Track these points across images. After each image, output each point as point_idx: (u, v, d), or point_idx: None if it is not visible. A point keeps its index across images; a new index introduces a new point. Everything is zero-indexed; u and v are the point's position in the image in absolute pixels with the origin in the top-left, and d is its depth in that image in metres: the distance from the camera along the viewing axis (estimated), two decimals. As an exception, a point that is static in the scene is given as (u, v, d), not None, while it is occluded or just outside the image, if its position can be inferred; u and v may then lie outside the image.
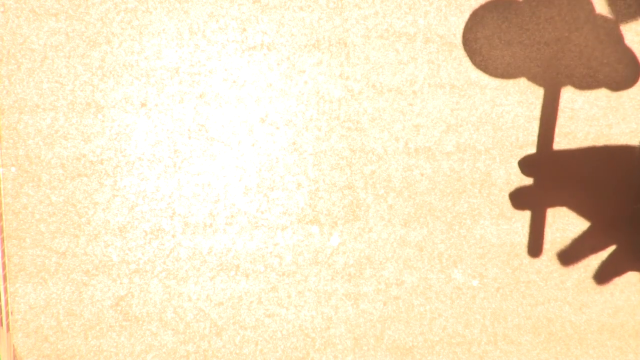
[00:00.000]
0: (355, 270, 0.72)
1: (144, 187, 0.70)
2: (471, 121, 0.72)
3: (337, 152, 0.71)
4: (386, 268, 0.72)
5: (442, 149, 0.72)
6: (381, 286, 0.72)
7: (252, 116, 0.71)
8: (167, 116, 0.70)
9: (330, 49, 0.71)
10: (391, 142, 0.71)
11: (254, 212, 0.71)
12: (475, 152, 0.72)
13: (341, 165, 0.71)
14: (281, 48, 0.71)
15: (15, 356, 0.70)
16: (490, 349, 0.73)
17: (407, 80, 0.72)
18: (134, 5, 0.70)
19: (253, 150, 0.71)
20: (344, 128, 0.71)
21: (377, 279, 0.72)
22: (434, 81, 0.72)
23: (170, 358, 0.71)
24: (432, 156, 0.72)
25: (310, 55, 0.71)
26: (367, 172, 0.71)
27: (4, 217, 0.70)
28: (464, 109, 0.72)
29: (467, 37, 0.71)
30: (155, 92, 0.70)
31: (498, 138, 0.72)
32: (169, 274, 0.71)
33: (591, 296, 0.73)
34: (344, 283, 0.72)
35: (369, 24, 0.71)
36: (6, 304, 0.70)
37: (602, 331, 0.74)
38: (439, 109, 0.72)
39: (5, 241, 0.70)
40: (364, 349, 0.72)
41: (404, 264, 0.72)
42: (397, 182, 0.72)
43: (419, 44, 0.71)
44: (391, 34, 0.71)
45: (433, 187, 0.72)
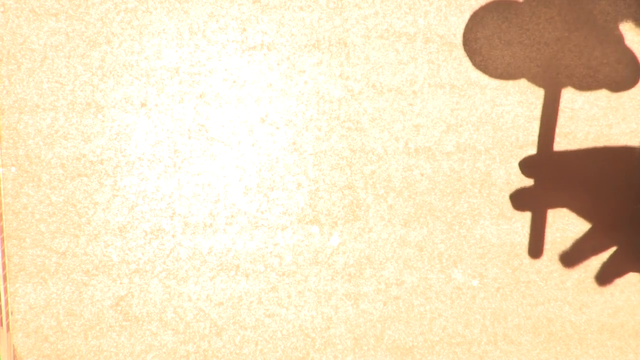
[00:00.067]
0: (355, 270, 0.72)
1: (144, 187, 0.70)
2: (471, 121, 0.72)
3: (337, 152, 0.71)
4: (386, 268, 0.72)
5: (442, 149, 0.72)
6: (381, 286, 0.72)
7: (252, 116, 0.71)
8: (167, 116, 0.70)
9: (330, 49, 0.71)
10: (391, 142, 0.71)
11: (254, 212, 0.71)
12: (475, 152, 0.72)
13: (341, 165, 0.71)
14: (281, 48, 0.71)
15: (15, 356, 0.70)
16: (490, 349, 0.73)
17: (407, 80, 0.72)
18: (134, 5, 0.70)
19: (253, 150, 0.71)
20: (344, 128, 0.71)
21: (377, 279, 0.72)
22: (434, 81, 0.72)
23: (170, 358, 0.71)
24: (432, 156, 0.72)
25: (310, 55, 0.71)
26: (367, 172, 0.71)
27: (4, 217, 0.70)
28: (464, 109, 0.72)
29: (467, 37, 0.71)
30: (155, 92, 0.70)
31: (498, 138, 0.72)
32: (169, 274, 0.71)
33: (591, 296, 0.73)
34: (344, 283, 0.72)
35: (369, 24, 0.71)
36: (6, 304, 0.70)
37: (602, 331, 0.74)
38: (439, 109, 0.72)
39: (5, 241, 0.70)
40: (364, 349, 0.72)
41: (404, 264, 0.72)
42: (397, 182, 0.72)
43: (419, 44, 0.71)
44: (391, 34, 0.71)
45: (433, 187, 0.72)
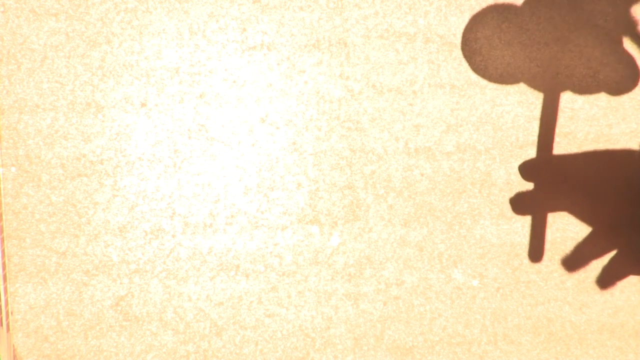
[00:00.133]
0: (355, 270, 0.72)
1: (144, 187, 0.70)
2: (471, 121, 0.72)
3: (337, 152, 0.71)
4: (386, 268, 0.72)
5: (442, 149, 0.72)
6: (381, 286, 0.72)
7: (252, 116, 0.71)
8: (167, 116, 0.70)
9: (330, 49, 0.71)
10: (391, 142, 0.71)
11: (254, 212, 0.71)
12: (475, 152, 0.72)
13: (341, 165, 0.71)
14: (281, 48, 0.71)
15: (15, 356, 0.70)
16: (490, 349, 0.73)
17: (407, 80, 0.72)
18: (134, 5, 0.70)
19: (253, 150, 0.71)
20: (344, 128, 0.71)
21: (377, 279, 0.72)
22: (434, 81, 0.72)
23: (170, 358, 0.71)
24: (432, 156, 0.72)
25: (310, 55, 0.71)
26: (367, 172, 0.71)
27: (4, 217, 0.70)
28: (464, 109, 0.72)
29: (467, 37, 0.71)
30: (155, 92, 0.70)
31: (498, 138, 0.72)
32: (169, 274, 0.71)
33: (591, 296, 0.73)
34: (344, 283, 0.72)
35: (369, 24, 0.71)
36: (6, 304, 0.70)
37: (602, 331, 0.74)
38: (439, 109, 0.72)
39: (5, 241, 0.70)
40: (364, 349, 0.72)
41: (404, 264, 0.72)
42: (397, 182, 0.72)
43: (419, 44, 0.71)
44: (391, 34, 0.71)
45: (433, 187, 0.72)
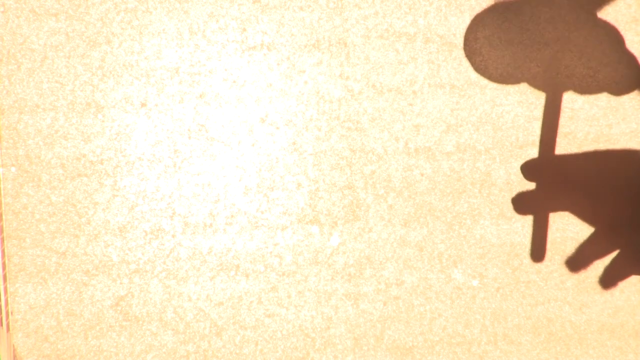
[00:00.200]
0: (355, 270, 0.72)
1: (144, 187, 0.70)
2: (471, 121, 0.72)
3: (337, 152, 0.71)
4: (386, 268, 0.72)
5: (442, 149, 0.72)
6: (381, 286, 0.72)
7: (252, 116, 0.71)
8: (167, 116, 0.70)
9: (330, 49, 0.71)
10: (391, 142, 0.71)
11: (254, 212, 0.71)
12: (475, 152, 0.72)
13: (341, 165, 0.71)
14: (281, 48, 0.71)
15: (15, 356, 0.70)
16: (490, 349, 0.73)
17: (407, 80, 0.72)
18: (134, 5, 0.70)
19: (253, 150, 0.71)
20: (344, 128, 0.71)
21: (377, 279, 0.72)
22: (434, 81, 0.72)
23: (170, 358, 0.71)
24: (432, 156, 0.72)
25: (310, 55, 0.71)
26: (367, 172, 0.71)
27: (4, 217, 0.70)
28: (464, 109, 0.72)
29: (467, 37, 0.71)
30: (155, 92, 0.70)
31: (498, 138, 0.72)
32: (169, 274, 0.71)
33: (591, 296, 0.73)
34: (344, 283, 0.72)
35: (369, 24, 0.71)
36: (6, 304, 0.70)
37: (602, 331, 0.74)
38: (439, 109, 0.72)
39: (5, 241, 0.70)
40: (364, 349, 0.72)
41: (404, 264, 0.72)
42: (397, 182, 0.72)
43: (419, 44, 0.71)
44: (391, 34, 0.71)
45: (433, 187, 0.72)
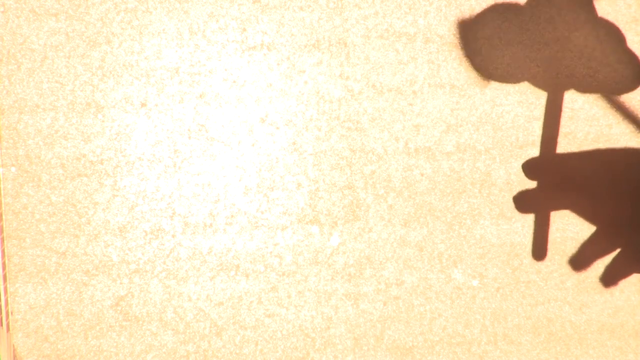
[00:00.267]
0: (355, 270, 0.72)
1: (144, 187, 0.70)
2: (471, 121, 0.72)
3: (337, 152, 0.71)
4: (386, 268, 0.72)
5: (442, 149, 0.72)
6: (381, 286, 0.72)
7: (252, 116, 0.71)
8: (167, 116, 0.70)
9: (330, 49, 0.71)
10: (391, 142, 0.71)
11: (254, 212, 0.71)
12: (475, 152, 0.72)
13: (341, 165, 0.71)
14: (281, 48, 0.71)
15: (15, 356, 0.70)
16: (490, 349, 0.73)
17: (407, 80, 0.72)
18: (134, 5, 0.70)
19: (253, 150, 0.71)
20: (344, 128, 0.71)
21: (377, 279, 0.72)
22: (434, 81, 0.72)
23: (170, 358, 0.71)
24: (432, 156, 0.72)
25: (310, 55, 0.71)
26: (367, 172, 0.71)
27: (4, 217, 0.70)
28: (464, 109, 0.72)
29: (467, 37, 0.71)
30: (155, 92, 0.70)
31: (498, 138, 0.72)
32: (169, 274, 0.71)
33: (591, 296, 0.73)
34: (344, 283, 0.72)
35: (369, 24, 0.71)
36: (6, 304, 0.70)
37: (602, 331, 0.74)
38: (439, 109, 0.72)
39: (5, 241, 0.70)
40: (364, 349, 0.72)
41: (404, 264, 0.72)
42: (397, 182, 0.72)
43: (419, 44, 0.71)
44: (391, 34, 0.71)
45: (433, 187, 0.72)
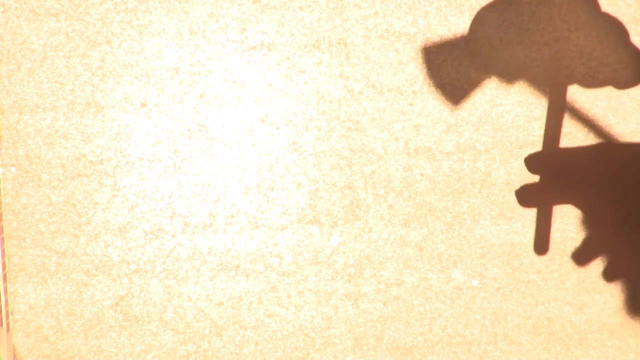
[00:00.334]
0: (355, 270, 0.72)
1: (144, 187, 0.70)
2: (471, 121, 0.72)
3: (337, 152, 0.71)
4: (386, 268, 0.72)
5: (442, 149, 0.72)
6: (381, 286, 0.72)
7: (252, 116, 0.71)
8: (167, 116, 0.70)
9: (330, 49, 0.71)
10: (391, 142, 0.71)
11: (254, 212, 0.71)
12: (475, 152, 0.72)
13: (341, 165, 0.71)
14: (281, 48, 0.71)
15: (15, 356, 0.70)
16: (490, 349, 0.73)
17: (407, 80, 0.72)
18: (134, 5, 0.70)
19: (253, 150, 0.71)
20: (344, 128, 0.71)
21: (377, 279, 0.72)
22: (434, 81, 0.72)
23: (170, 358, 0.71)
24: (432, 156, 0.72)
25: (310, 55, 0.71)
26: (367, 172, 0.71)
27: (4, 217, 0.70)
28: (464, 109, 0.72)
29: (467, 36, 0.71)
30: (155, 92, 0.70)
31: (498, 138, 0.72)
32: (169, 274, 0.71)
33: (591, 296, 0.73)
34: (344, 283, 0.72)
35: (369, 24, 0.71)
36: (6, 304, 0.70)
37: (602, 331, 0.74)
38: (439, 109, 0.72)
39: (5, 241, 0.70)
40: (364, 349, 0.72)
41: (404, 264, 0.72)
42: (397, 182, 0.72)
43: (419, 44, 0.71)
44: (391, 34, 0.71)
45: (433, 187, 0.72)
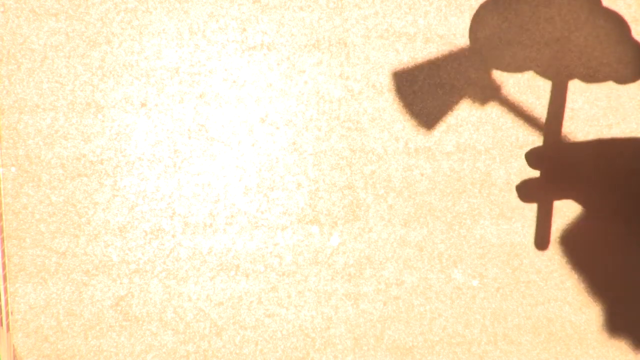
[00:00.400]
0: (355, 270, 0.72)
1: (144, 187, 0.70)
2: (471, 121, 0.72)
3: (337, 152, 0.71)
4: (386, 268, 0.72)
5: (442, 149, 0.72)
6: (381, 286, 0.72)
7: (252, 116, 0.71)
8: (167, 116, 0.70)
9: (330, 49, 0.71)
10: (391, 142, 0.71)
11: (254, 212, 0.71)
12: (475, 152, 0.72)
13: (341, 165, 0.71)
14: (281, 48, 0.71)
15: (15, 356, 0.70)
16: (490, 349, 0.73)
17: (407, 81, 0.72)
18: (134, 5, 0.70)
19: (253, 150, 0.71)
20: (344, 128, 0.71)
21: (377, 279, 0.72)
22: (434, 81, 0.72)
23: (170, 358, 0.71)
24: (432, 156, 0.72)
25: (310, 55, 0.71)
26: (367, 172, 0.71)
27: (4, 217, 0.70)
28: (464, 109, 0.72)
29: (467, 37, 0.71)
30: (155, 92, 0.70)
31: (498, 138, 0.72)
32: (169, 274, 0.71)
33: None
34: (344, 283, 0.72)
35: (369, 24, 0.71)
36: (6, 304, 0.70)
37: (602, 331, 0.74)
38: (439, 109, 0.72)
39: (5, 241, 0.70)
40: (364, 349, 0.72)
41: (404, 264, 0.72)
42: (397, 182, 0.72)
43: (419, 44, 0.71)
44: (391, 34, 0.71)
45: (433, 187, 0.72)
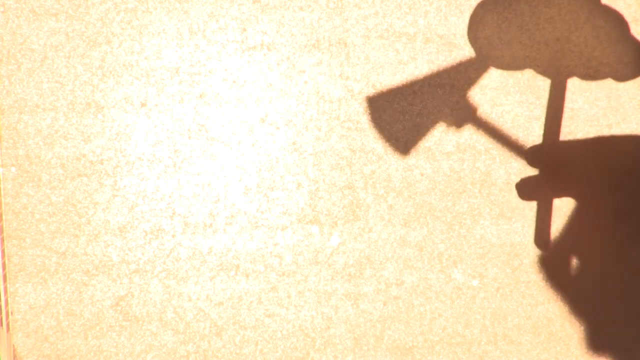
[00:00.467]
0: (355, 270, 0.72)
1: (144, 187, 0.70)
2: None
3: (337, 152, 0.71)
4: (386, 268, 0.72)
5: (442, 149, 0.72)
6: (381, 286, 0.72)
7: (252, 116, 0.71)
8: (167, 116, 0.70)
9: (330, 49, 0.71)
10: (391, 142, 0.71)
11: (254, 212, 0.71)
12: (475, 152, 0.72)
13: (341, 165, 0.71)
14: (281, 48, 0.71)
15: (15, 356, 0.70)
16: (490, 349, 0.73)
17: (407, 81, 0.72)
18: (134, 5, 0.70)
19: (253, 150, 0.71)
20: (344, 128, 0.71)
21: (377, 279, 0.72)
22: (434, 81, 0.72)
23: (170, 358, 0.71)
24: (432, 156, 0.72)
25: (310, 55, 0.71)
26: (367, 172, 0.71)
27: (4, 217, 0.70)
28: (464, 109, 0.72)
29: (467, 37, 0.71)
30: (155, 92, 0.70)
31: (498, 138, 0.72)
32: (169, 274, 0.71)
33: (591, 296, 0.73)
34: (344, 283, 0.72)
35: (369, 24, 0.71)
36: (6, 304, 0.70)
37: (601, 331, 0.74)
38: (439, 108, 0.72)
39: (5, 241, 0.70)
40: (364, 349, 0.72)
41: (404, 264, 0.72)
42: (397, 182, 0.72)
43: (419, 44, 0.71)
44: (391, 34, 0.71)
45: (433, 187, 0.72)
